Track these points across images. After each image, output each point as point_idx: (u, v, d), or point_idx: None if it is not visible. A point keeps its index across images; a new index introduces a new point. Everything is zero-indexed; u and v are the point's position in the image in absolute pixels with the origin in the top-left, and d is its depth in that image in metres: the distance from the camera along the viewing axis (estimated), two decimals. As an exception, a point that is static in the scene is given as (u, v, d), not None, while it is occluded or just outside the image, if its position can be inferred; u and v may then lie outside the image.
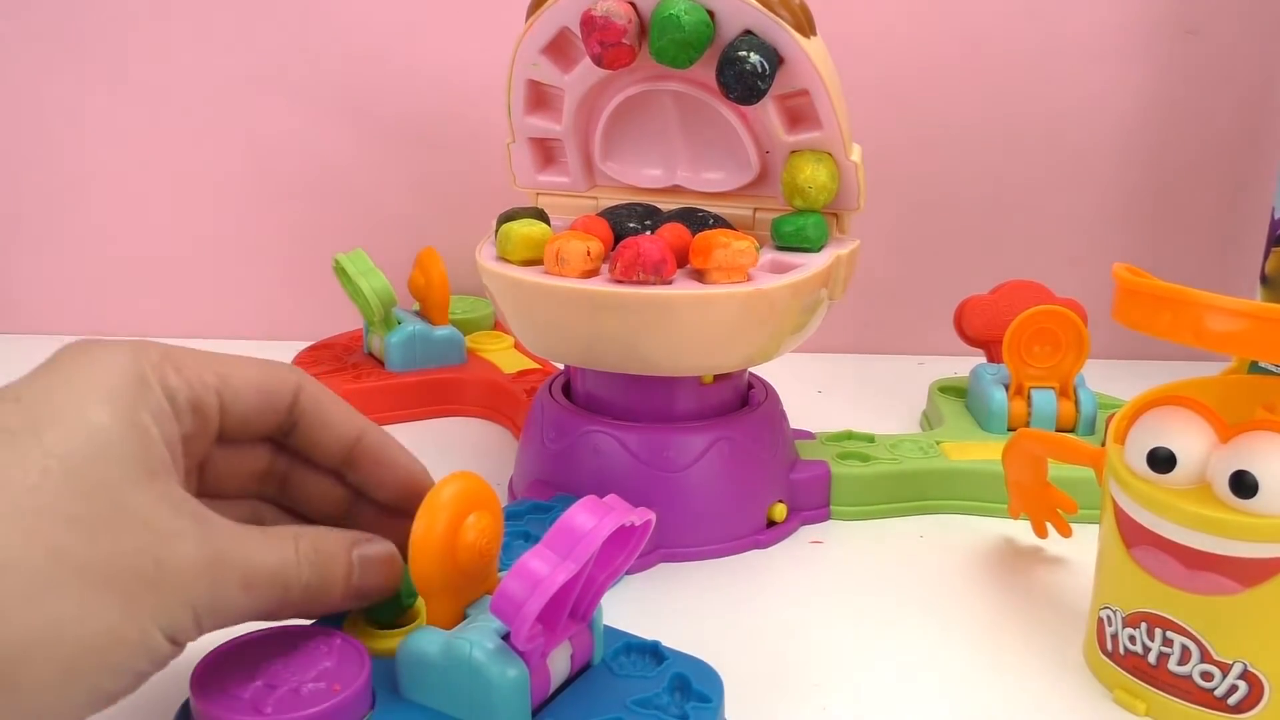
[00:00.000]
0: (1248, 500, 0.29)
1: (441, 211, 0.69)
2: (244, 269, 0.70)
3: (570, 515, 0.26)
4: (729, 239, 0.38)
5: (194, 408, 0.27)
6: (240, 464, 0.30)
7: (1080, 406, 0.51)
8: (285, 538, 0.27)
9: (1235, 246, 0.70)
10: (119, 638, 0.23)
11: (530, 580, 0.25)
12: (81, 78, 0.66)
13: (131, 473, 0.24)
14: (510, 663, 0.26)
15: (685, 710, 0.28)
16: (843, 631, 0.38)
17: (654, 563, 0.42)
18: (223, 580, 0.25)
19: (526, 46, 0.43)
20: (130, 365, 0.26)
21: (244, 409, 0.28)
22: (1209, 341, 0.29)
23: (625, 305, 0.37)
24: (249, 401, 0.28)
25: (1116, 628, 0.33)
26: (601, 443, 0.42)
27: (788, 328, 0.40)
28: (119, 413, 0.24)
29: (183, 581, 0.24)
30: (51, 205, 0.68)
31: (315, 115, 0.67)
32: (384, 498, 0.31)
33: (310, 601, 0.27)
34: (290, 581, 0.27)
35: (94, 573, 0.22)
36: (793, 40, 0.39)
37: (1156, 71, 0.68)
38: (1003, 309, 0.55)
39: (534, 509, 0.41)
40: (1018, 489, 0.42)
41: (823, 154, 0.42)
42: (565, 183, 0.47)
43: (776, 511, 0.44)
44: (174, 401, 0.26)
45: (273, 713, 0.25)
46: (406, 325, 0.58)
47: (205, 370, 0.27)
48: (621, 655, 0.31)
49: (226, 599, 0.25)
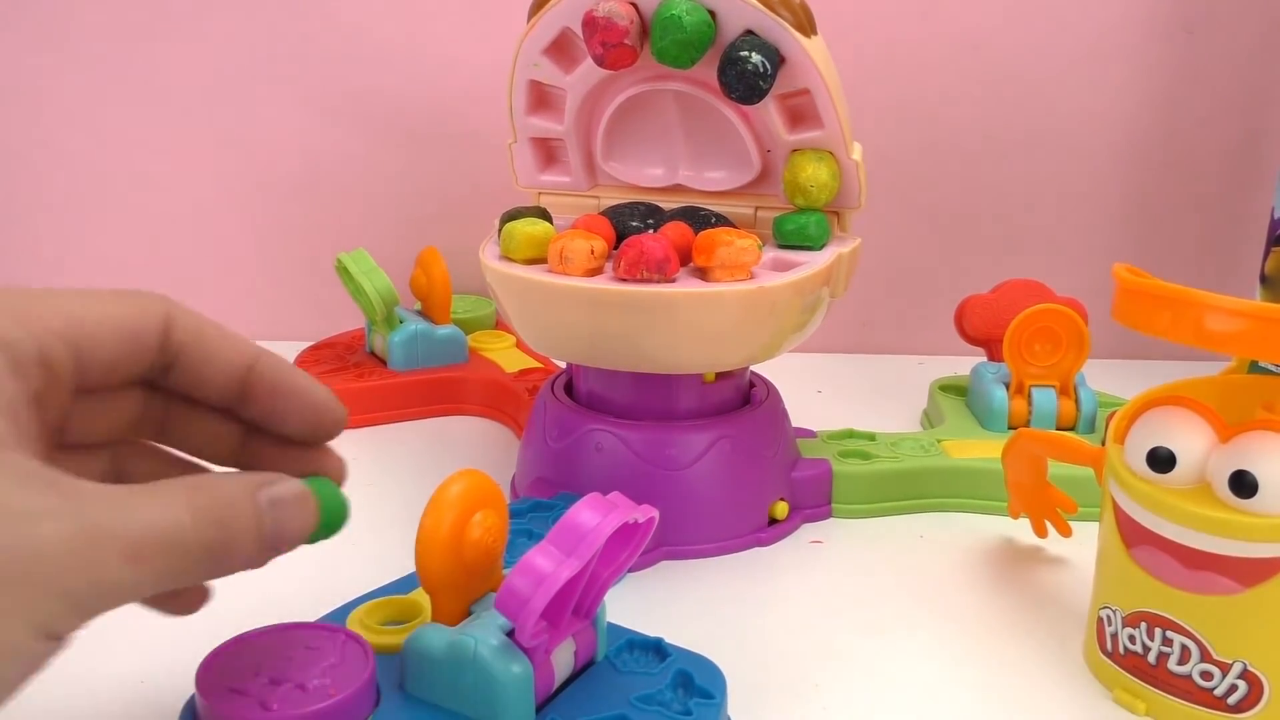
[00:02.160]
0: (1247, 500, 0.29)
1: (443, 211, 0.69)
2: (246, 268, 0.70)
3: (574, 512, 0.26)
4: (732, 237, 0.38)
5: (41, 360, 0.23)
6: (108, 413, 0.26)
7: (1081, 405, 0.52)
8: (174, 492, 0.23)
9: (1235, 246, 0.70)
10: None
11: (535, 577, 0.25)
12: (81, 78, 0.66)
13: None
14: (515, 659, 0.27)
15: (689, 706, 0.28)
16: (843, 630, 0.38)
17: (656, 560, 0.42)
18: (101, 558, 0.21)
19: (528, 47, 0.43)
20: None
21: (105, 354, 0.24)
22: (1209, 341, 0.29)
23: (629, 303, 0.38)
24: (110, 344, 0.24)
25: (1116, 627, 0.33)
26: (604, 441, 0.42)
27: (790, 326, 0.41)
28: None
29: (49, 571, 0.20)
30: (51, 205, 0.68)
31: (317, 115, 0.67)
32: (289, 430, 0.27)
33: (216, 562, 0.23)
34: (187, 543, 0.22)
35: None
36: (794, 40, 0.39)
37: (1156, 71, 0.68)
38: (1003, 308, 0.55)
39: (537, 507, 0.41)
40: (1017, 489, 0.42)
41: (824, 153, 0.42)
42: (567, 182, 0.47)
43: (778, 509, 0.44)
44: (15, 355, 0.22)
45: (278, 709, 0.26)
46: (409, 324, 0.59)
47: (51, 315, 0.23)
48: (624, 652, 0.31)
49: (110, 578, 0.21)
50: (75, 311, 0.24)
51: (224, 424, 0.28)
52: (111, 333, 0.25)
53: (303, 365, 0.58)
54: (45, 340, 0.23)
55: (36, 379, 0.23)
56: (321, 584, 0.37)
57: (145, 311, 0.25)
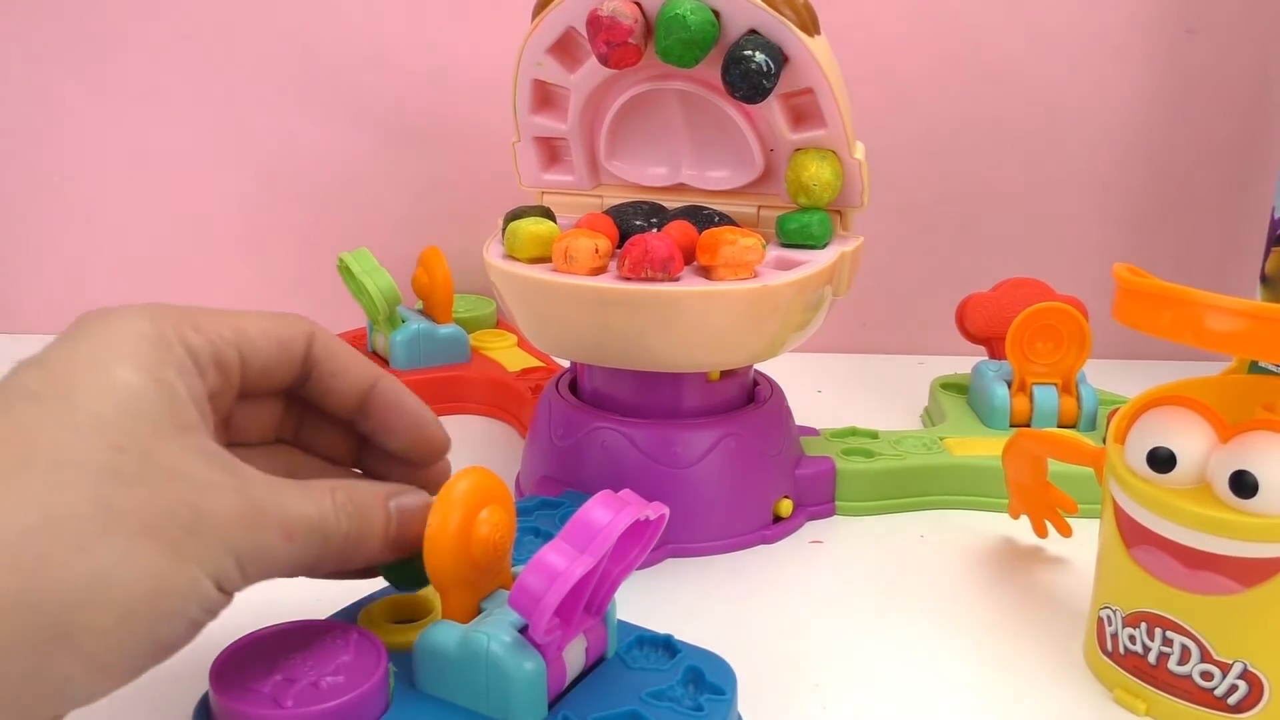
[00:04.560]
0: (1248, 500, 0.30)
1: (445, 210, 0.69)
2: (248, 268, 0.70)
3: (587, 509, 0.27)
4: (736, 236, 0.39)
5: (216, 363, 0.27)
6: (259, 417, 0.30)
7: (1082, 402, 0.52)
8: (322, 489, 0.27)
9: (1235, 246, 0.71)
10: (168, 585, 0.23)
11: (548, 574, 0.26)
12: (82, 79, 0.66)
13: (163, 428, 0.24)
14: (527, 655, 0.27)
15: (699, 702, 0.29)
16: (845, 629, 0.38)
17: (662, 558, 0.42)
18: (263, 530, 0.25)
19: (532, 46, 0.43)
20: (149, 326, 0.26)
21: (263, 361, 0.28)
22: (1209, 341, 0.29)
23: (633, 302, 0.38)
24: (267, 353, 0.28)
25: (1116, 627, 0.34)
26: (609, 439, 0.42)
27: (793, 324, 0.41)
28: (143, 371, 0.25)
29: (224, 531, 0.24)
30: (52, 205, 0.68)
31: (318, 115, 0.67)
32: (396, 446, 0.31)
33: (350, 551, 0.27)
34: (330, 531, 0.27)
35: (136, 522, 0.23)
36: (797, 39, 0.39)
37: (1156, 71, 0.68)
38: (1004, 306, 0.56)
39: (543, 505, 0.41)
40: (1018, 489, 0.43)
41: (827, 152, 0.42)
42: (570, 181, 0.47)
43: (782, 507, 0.45)
44: (197, 358, 0.26)
45: (292, 706, 0.26)
46: (411, 323, 0.59)
47: (223, 326, 0.27)
48: (635, 649, 0.31)
49: (268, 548, 0.25)
50: (240, 324, 0.28)
51: (343, 436, 0.32)
52: (270, 344, 0.28)
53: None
54: (220, 346, 0.27)
55: (213, 379, 0.27)
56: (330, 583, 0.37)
57: (293, 327, 0.29)
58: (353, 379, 0.30)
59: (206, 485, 0.24)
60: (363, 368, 0.30)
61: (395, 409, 0.31)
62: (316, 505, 0.26)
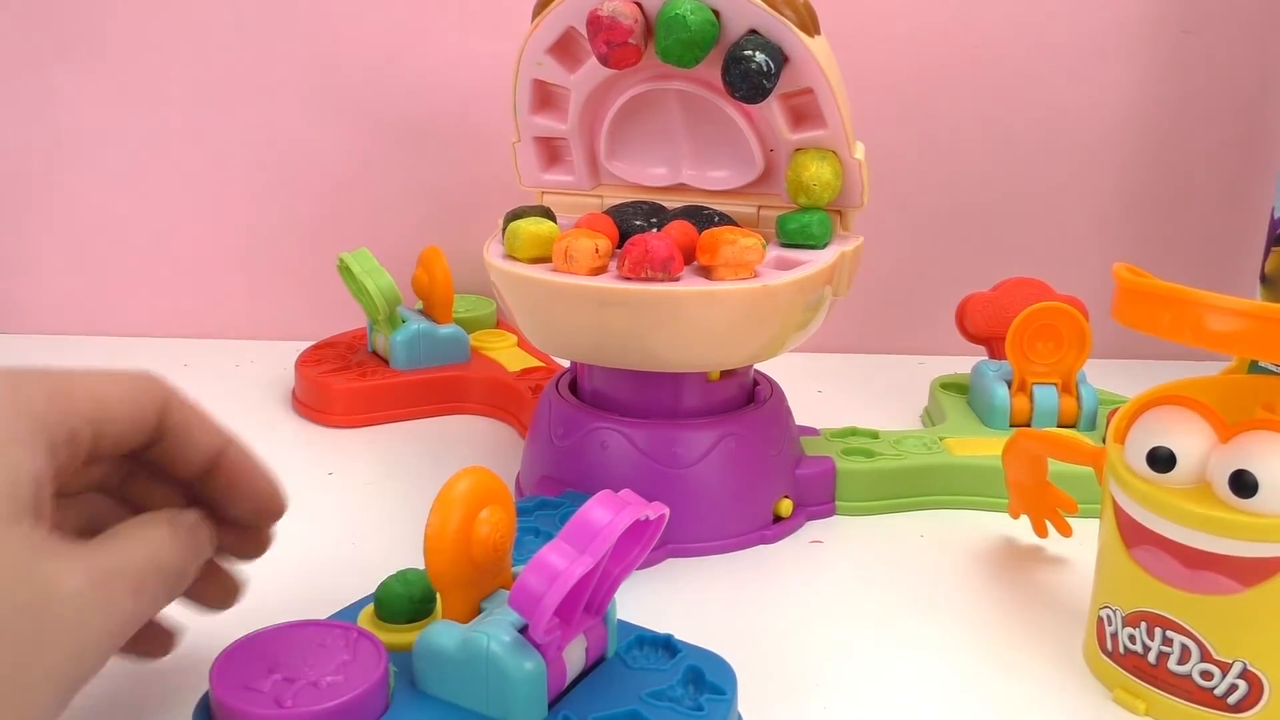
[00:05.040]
0: (1248, 500, 0.30)
1: (445, 210, 0.69)
2: (247, 268, 0.70)
3: (587, 510, 0.27)
4: (736, 236, 0.39)
5: (70, 440, 0.26)
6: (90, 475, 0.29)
7: (1082, 402, 0.52)
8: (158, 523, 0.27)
9: (1235, 246, 0.71)
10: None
11: (549, 574, 0.26)
12: (83, 79, 0.66)
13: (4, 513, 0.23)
14: (527, 655, 0.27)
15: (700, 702, 0.29)
16: (845, 629, 0.38)
17: (662, 558, 0.42)
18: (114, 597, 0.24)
19: (532, 46, 0.43)
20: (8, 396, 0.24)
21: (118, 432, 0.27)
22: (1209, 341, 0.30)
23: (633, 302, 0.38)
24: (123, 425, 0.27)
25: (1116, 627, 0.34)
26: (609, 439, 0.42)
27: (793, 324, 0.41)
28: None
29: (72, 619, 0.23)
30: (53, 205, 0.68)
31: (319, 115, 0.67)
32: (236, 512, 0.30)
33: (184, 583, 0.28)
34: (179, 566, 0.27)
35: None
36: (797, 39, 0.39)
37: (1155, 71, 0.68)
38: (1004, 306, 0.56)
39: (542, 505, 0.41)
40: (1018, 489, 0.43)
41: (827, 152, 0.42)
42: (570, 181, 0.47)
43: (782, 507, 0.45)
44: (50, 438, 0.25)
45: (292, 705, 0.26)
46: (411, 324, 0.59)
47: (82, 397, 0.26)
48: (635, 649, 0.31)
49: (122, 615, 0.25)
50: (100, 392, 0.27)
51: (176, 493, 0.30)
52: (127, 412, 0.27)
53: (304, 365, 0.59)
54: (75, 423, 0.26)
55: (63, 455, 0.26)
56: (329, 584, 0.37)
57: (150, 394, 0.28)
58: (202, 446, 0.29)
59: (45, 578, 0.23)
60: (212, 436, 0.29)
61: (241, 477, 0.30)
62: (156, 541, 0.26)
